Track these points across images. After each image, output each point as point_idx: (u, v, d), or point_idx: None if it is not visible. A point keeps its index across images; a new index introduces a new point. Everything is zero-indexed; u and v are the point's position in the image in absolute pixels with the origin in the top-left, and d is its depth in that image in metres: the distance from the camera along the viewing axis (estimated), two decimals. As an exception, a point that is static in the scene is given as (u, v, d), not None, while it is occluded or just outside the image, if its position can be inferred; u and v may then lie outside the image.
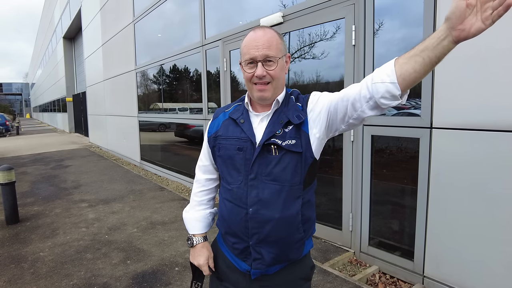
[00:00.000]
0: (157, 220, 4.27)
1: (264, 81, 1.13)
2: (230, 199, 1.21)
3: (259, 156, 1.14)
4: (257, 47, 1.11)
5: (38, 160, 9.61)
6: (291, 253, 1.20)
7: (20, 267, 3.09)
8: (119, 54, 9.37)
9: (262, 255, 1.17)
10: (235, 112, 1.26)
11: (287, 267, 1.23)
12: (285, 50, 1.19)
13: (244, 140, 1.18)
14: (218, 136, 1.25)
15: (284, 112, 1.18)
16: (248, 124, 1.20)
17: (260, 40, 1.11)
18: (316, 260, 3.02)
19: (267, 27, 1.19)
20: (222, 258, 1.31)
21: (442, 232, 2.41)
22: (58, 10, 20.92)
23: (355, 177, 3.04)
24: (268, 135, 1.14)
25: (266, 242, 1.16)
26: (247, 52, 1.14)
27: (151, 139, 7.94)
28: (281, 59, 1.15)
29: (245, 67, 1.16)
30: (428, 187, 2.47)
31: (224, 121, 1.27)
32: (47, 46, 29.34)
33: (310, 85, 3.55)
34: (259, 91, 1.15)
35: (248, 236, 1.17)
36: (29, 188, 6.18)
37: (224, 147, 1.22)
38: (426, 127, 2.45)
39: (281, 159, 1.13)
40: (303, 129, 1.16)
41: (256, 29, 1.16)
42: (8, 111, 48.11)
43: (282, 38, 1.18)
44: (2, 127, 20.57)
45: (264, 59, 1.11)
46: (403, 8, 2.66)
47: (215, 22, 5.14)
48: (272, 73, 1.13)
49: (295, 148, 1.13)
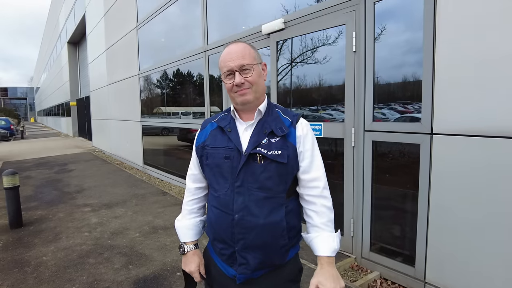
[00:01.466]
0: (159, 224, 4.29)
1: (243, 87, 1.21)
2: (217, 205, 1.26)
3: (245, 164, 1.19)
4: (232, 59, 1.21)
5: (42, 164, 9.68)
6: (275, 258, 1.24)
7: (23, 271, 3.11)
8: (122, 59, 9.45)
9: (247, 260, 1.22)
10: (222, 120, 1.32)
11: (272, 271, 1.27)
12: (259, 59, 1.27)
13: (231, 149, 1.23)
14: (205, 145, 1.30)
15: (268, 122, 1.25)
16: (235, 133, 1.26)
17: (234, 53, 1.21)
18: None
19: (239, 41, 1.29)
20: (212, 265, 1.36)
21: (443, 237, 2.40)
22: (63, 15, 21.15)
23: (356, 182, 3.04)
24: (254, 144, 1.20)
25: (251, 247, 1.21)
26: (224, 66, 1.23)
27: (154, 143, 7.98)
28: (257, 66, 1.24)
29: (225, 79, 1.25)
30: (429, 192, 2.47)
31: (212, 131, 1.32)
32: (52, 51, 29.62)
33: (313, 89, 3.57)
34: (241, 95, 1.23)
35: (234, 242, 1.22)
36: (33, 192, 6.22)
37: (212, 155, 1.27)
38: (427, 133, 2.45)
39: (266, 168, 1.19)
40: (290, 141, 1.23)
41: (229, 44, 1.26)
42: (13, 115, 48.45)
43: (255, 48, 1.28)
44: (7, 131, 20.73)
45: (240, 68, 1.20)
46: (403, 13, 2.67)
47: (217, 28, 5.18)
48: (250, 79, 1.21)
49: (280, 159, 1.19)
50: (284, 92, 3.87)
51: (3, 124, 22.12)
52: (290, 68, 3.75)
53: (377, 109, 2.89)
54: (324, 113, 3.47)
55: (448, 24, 2.27)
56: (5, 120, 23.00)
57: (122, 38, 9.18)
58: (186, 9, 6.06)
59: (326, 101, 3.47)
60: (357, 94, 2.95)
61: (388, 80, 2.83)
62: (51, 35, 29.36)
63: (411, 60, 2.63)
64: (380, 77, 2.85)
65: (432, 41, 2.36)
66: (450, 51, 2.27)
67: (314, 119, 3.51)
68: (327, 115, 3.43)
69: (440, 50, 2.32)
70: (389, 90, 2.86)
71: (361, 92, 2.91)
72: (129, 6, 8.44)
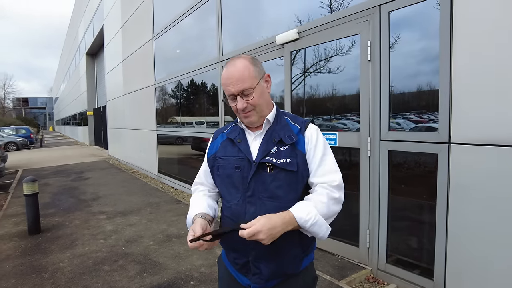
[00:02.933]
0: (173, 233, 4.31)
1: (246, 111, 1.21)
2: (230, 216, 1.26)
3: (255, 174, 1.19)
4: (232, 84, 1.18)
5: (59, 172, 9.90)
6: (288, 268, 1.23)
7: (40, 277, 3.17)
8: (138, 70, 9.66)
9: (261, 270, 1.21)
10: (232, 132, 1.33)
11: (286, 280, 1.26)
12: (260, 74, 1.23)
13: (241, 159, 1.24)
14: (216, 157, 1.31)
15: (276, 130, 1.25)
16: (245, 144, 1.26)
17: (233, 77, 1.18)
18: (333, 277, 2.97)
19: (238, 57, 1.23)
20: (227, 274, 1.35)
21: (463, 250, 2.33)
22: (82, 27, 21.85)
23: (372, 192, 3.00)
24: (263, 153, 1.20)
25: (264, 257, 1.20)
26: (226, 89, 1.22)
27: (169, 152, 8.07)
28: (258, 85, 1.21)
29: (229, 100, 1.25)
30: (448, 203, 2.41)
31: (222, 142, 1.33)
32: (71, 62, 30.57)
33: (326, 98, 3.57)
34: (245, 118, 1.24)
35: (247, 252, 1.21)
36: (51, 200, 6.36)
37: (223, 166, 1.28)
38: (444, 142, 2.41)
39: (275, 177, 1.19)
40: (299, 149, 1.22)
41: (228, 65, 1.22)
42: (33, 124, 49.97)
43: (255, 64, 1.22)
44: (27, 140, 21.35)
45: (241, 93, 1.19)
46: (418, 21, 2.66)
47: (231, 38, 5.26)
48: (252, 102, 1.20)
49: (289, 167, 1.18)
50: (298, 102, 3.88)
51: (23, 133, 22.86)
52: (304, 77, 3.76)
53: (391, 119, 2.86)
54: (337, 123, 3.45)
55: (465, 32, 2.24)
56: (25, 129, 23.75)
57: (139, 49, 9.41)
58: (201, 21, 6.18)
59: (340, 110, 3.46)
60: (372, 103, 2.93)
61: (403, 89, 2.81)
62: (71, 47, 30.34)
63: (426, 69, 2.61)
64: (394, 87, 2.83)
65: (449, 49, 2.33)
66: (468, 59, 2.23)
67: (328, 129, 3.50)
68: (341, 125, 3.41)
69: (458, 58, 2.29)
70: (404, 100, 2.83)
71: (377, 101, 2.89)
72: (146, 18, 8.66)
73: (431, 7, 2.49)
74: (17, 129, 23.67)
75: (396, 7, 2.72)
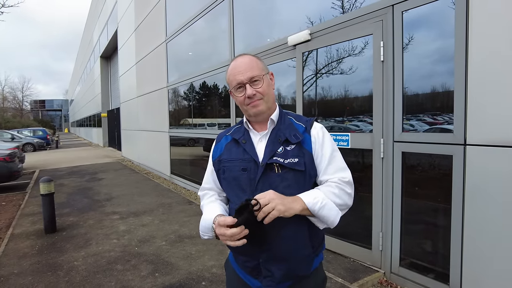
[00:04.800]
0: (185, 233, 4.34)
1: (255, 99, 1.21)
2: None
3: (263, 175, 1.18)
4: (241, 72, 1.21)
5: (74, 173, 10.10)
6: (300, 269, 1.22)
7: (56, 275, 3.23)
8: (152, 72, 9.79)
9: (272, 272, 1.20)
10: (236, 132, 1.32)
11: (297, 282, 1.24)
12: (266, 69, 1.27)
13: (247, 160, 1.23)
14: (222, 159, 1.30)
15: (282, 130, 1.24)
16: (250, 144, 1.25)
17: (242, 65, 1.22)
18: (345, 280, 2.94)
19: (244, 53, 1.29)
20: (235, 276, 1.34)
21: (480, 255, 2.27)
22: (97, 31, 22.28)
23: (385, 194, 2.96)
24: (270, 154, 1.20)
25: (275, 259, 1.19)
26: (233, 80, 1.23)
27: (181, 154, 8.14)
28: (266, 76, 1.24)
29: (235, 92, 1.24)
30: (463, 206, 2.35)
31: (227, 144, 1.32)
32: (86, 65, 31.19)
33: (338, 99, 3.54)
34: (253, 107, 1.23)
35: (258, 255, 1.20)
36: (66, 200, 6.49)
37: (229, 169, 1.26)
38: (460, 143, 2.36)
39: (284, 177, 1.18)
40: (306, 148, 1.21)
41: (235, 59, 1.26)
42: (49, 126, 51.18)
43: (261, 59, 1.28)
44: (43, 141, 21.85)
45: (250, 80, 1.20)
46: (432, 21, 2.62)
47: (243, 40, 5.28)
48: (261, 90, 1.21)
49: (297, 167, 1.18)
50: (309, 103, 3.86)
51: (40, 134, 23.42)
52: (315, 79, 3.74)
53: (405, 121, 2.82)
54: (350, 124, 3.42)
55: (482, 30, 2.20)
56: (42, 131, 24.33)
57: (152, 51, 9.54)
58: (213, 23, 6.23)
59: (352, 112, 3.42)
60: (385, 104, 2.90)
61: (416, 90, 2.77)
62: (86, 50, 30.96)
63: (440, 69, 2.57)
64: (407, 88, 2.79)
65: (464, 48, 2.29)
66: (484, 58, 2.19)
67: (340, 130, 3.47)
68: (354, 126, 3.38)
69: (474, 57, 2.24)
70: (417, 101, 2.78)
71: (390, 101, 2.85)
72: (159, 21, 8.78)
73: (445, 6, 2.45)
74: (34, 131, 24.26)
75: (410, 6, 2.69)
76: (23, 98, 59.18)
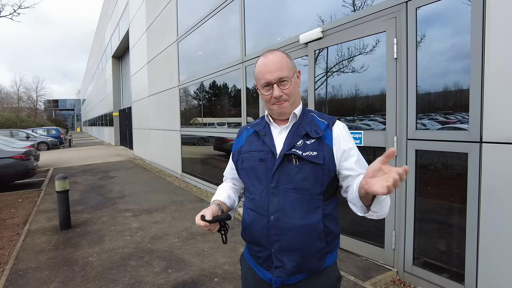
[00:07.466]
0: (197, 231, 4.38)
1: (282, 100, 1.23)
2: (252, 208, 1.27)
3: (280, 165, 1.20)
4: (270, 71, 1.21)
5: (87, 171, 10.27)
6: (311, 262, 1.21)
7: (72, 270, 3.30)
8: (163, 71, 9.88)
9: (284, 263, 1.20)
10: (258, 124, 1.36)
11: (309, 277, 1.24)
12: (294, 67, 1.28)
13: (265, 152, 1.26)
14: (241, 150, 1.35)
15: (303, 125, 1.26)
16: (269, 137, 1.28)
17: (272, 64, 1.21)
18: (357, 278, 2.93)
19: (275, 50, 1.28)
20: (250, 270, 1.36)
21: (496, 254, 2.24)
22: (109, 31, 22.57)
23: (398, 193, 2.94)
24: (289, 146, 1.21)
25: (287, 249, 1.19)
26: (262, 77, 1.24)
27: (192, 152, 8.20)
28: (293, 77, 1.24)
29: (262, 90, 1.26)
30: (479, 205, 2.32)
31: (248, 137, 1.36)
32: (98, 65, 31.62)
33: (349, 98, 3.52)
34: (279, 107, 1.25)
35: (270, 244, 1.21)
36: (79, 197, 6.61)
37: (247, 159, 1.31)
38: (475, 141, 2.33)
39: (301, 169, 1.18)
40: (326, 143, 1.22)
41: (266, 54, 1.26)
42: (62, 125, 52.08)
43: (290, 57, 1.28)
44: (57, 140, 22.27)
45: (279, 80, 1.21)
46: (447, 18, 2.58)
47: (254, 39, 5.29)
48: (287, 91, 1.22)
49: (316, 160, 1.18)
50: (321, 101, 3.85)
51: (53, 133, 23.89)
52: (327, 77, 3.73)
53: (417, 119, 2.79)
54: (361, 123, 3.39)
55: (499, 26, 2.16)
56: (55, 130, 24.81)
57: (163, 51, 9.62)
58: (224, 22, 6.26)
59: (364, 111, 3.40)
60: (399, 101, 2.88)
61: (429, 89, 2.73)
62: (98, 50, 31.40)
63: (455, 66, 2.53)
64: (420, 86, 2.75)
65: (481, 44, 2.25)
66: (502, 54, 2.15)
67: (351, 129, 3.45)
68: (364, 126, 3.35)
69: (491, 54, 2.21)
70: (430, 100, 2.75)
71: (403, 99, 2.83)
72: (170, 21, 8.85)
73: (460, 2, 2.42)
74: (48, 130, 24.77)
75: (424, 3, 2.66)
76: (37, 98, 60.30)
